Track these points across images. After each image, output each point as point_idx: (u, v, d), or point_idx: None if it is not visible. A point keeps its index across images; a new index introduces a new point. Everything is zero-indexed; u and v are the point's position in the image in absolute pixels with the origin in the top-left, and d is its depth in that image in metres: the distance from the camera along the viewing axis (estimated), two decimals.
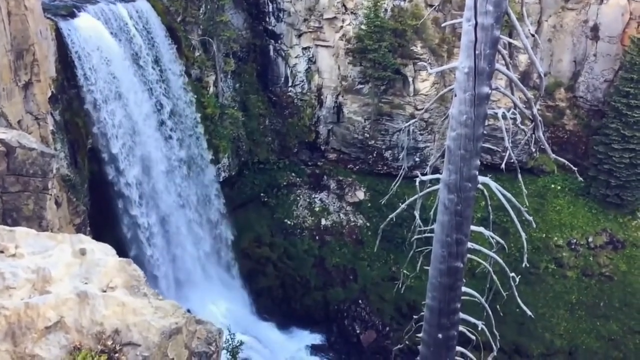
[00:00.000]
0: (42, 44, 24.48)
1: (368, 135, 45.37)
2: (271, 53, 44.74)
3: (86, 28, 27.64)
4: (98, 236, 20.77)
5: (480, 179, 13.44)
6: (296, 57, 44.58)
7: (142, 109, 31.86)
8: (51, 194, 16.68)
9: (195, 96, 36.75)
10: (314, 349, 40.93)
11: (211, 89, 39.82)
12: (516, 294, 15.18)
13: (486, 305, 15.70)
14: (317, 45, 44.11)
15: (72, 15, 27.74)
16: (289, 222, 44.51)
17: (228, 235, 40.86)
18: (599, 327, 40.34)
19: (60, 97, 26.94)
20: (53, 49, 26.10)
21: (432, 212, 14.56)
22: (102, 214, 30.32)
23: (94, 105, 28.27)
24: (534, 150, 14.40)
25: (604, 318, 40.62)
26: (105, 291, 8.15)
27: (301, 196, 45.77)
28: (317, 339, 41.53)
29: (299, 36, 44.01)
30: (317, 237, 44.30)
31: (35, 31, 23.69)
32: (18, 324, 7.44)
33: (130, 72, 30.72)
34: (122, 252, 9.67)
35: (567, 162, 14.39)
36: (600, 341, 39.88)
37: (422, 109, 42.03)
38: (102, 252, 8.96)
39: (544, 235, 42.84)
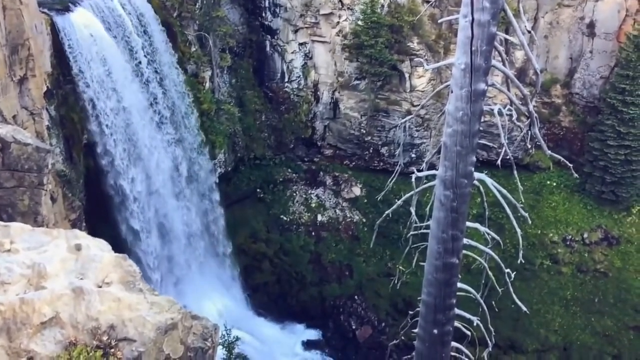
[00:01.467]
0: (37, 38, 24.35)
1: (364, 132, 45.37)
2: (267, 48, 44.65)
3: (82, 23, 27.51)
4: (93, 232, 20.74)
5: (476, 175, 13.47)
6: (292, 52, 44.51)
7: (138, 103, 31.76)
8: (46, 190, 16.64)
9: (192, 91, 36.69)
10: (310, 345, 41.02)
11: (207, 85, 39.72)
12: (511, 289, 15.25)
13: (481, 301, 15.78)
14: (313, 41, 44.04)
15: (68, 10, 27.60)
16: (285, 218, 44.53)
17: (223, 230, 40.82)
18: (594, 322, 40.55)
19: (55, 92, 26.82)
20: (48, 43, 25.97)
21: (428, 209, 14.59)
22: (97, 209, 30.25)
23: (89, 100, 28.16)
24: (529, 146, 14.46)
25: (599, 314, 40.82)
26: (100, 287, 8.14)
27: (297, 192, 45.77)
28: (312, 334, 41.61)
29: (296, 32, 43.93)
30: (313, 233, 44.34)
31: (30, 26, 23.57)
32: (13, 320, 7.43)
33: (125, 67, 30.60)
34: (117, 247, 9.65)
35: (562, 159, 14.45)
36: (594, 337, 40.09)
37: (418, 105, 42.05)
38: (98, 248, 8.95)
39: (539, 231, 42.98)
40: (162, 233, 35.13)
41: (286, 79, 45.37)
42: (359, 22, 41.61)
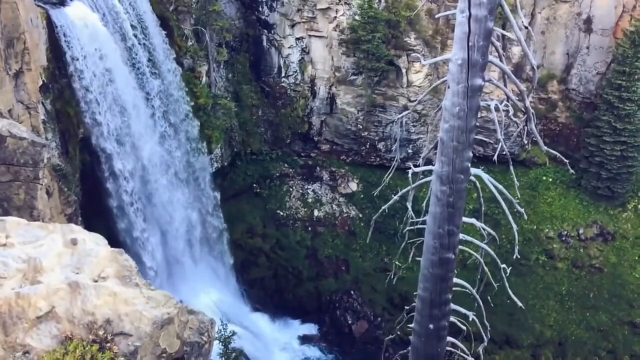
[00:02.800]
0: (32, 32, 24.24)
1: (361, 127, 45.36)
2: (264, 43, 44.53)
3: (77, 17, 27.36)
4: (89, 226, 20.69)
5: (473, 170, 13.49)
6: (289, 47, 44.41)
7: (134, 98, 31.66)
8: (42, 184, 16.60)
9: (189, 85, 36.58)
10: (306, 340, 41.13)
11: (204, 79, 39.61)
12: (507, 285, 15.31)
13: (477, 296, 15.82)
14: (310, 36, 43.94)
15: (63, 4, 27.44)
16: (281, 213, 44.54)
17: (220, 225, 40.81)
18: (589, 318, 40.75)
19: (51, 86, 26.70)
20: (44, 37, 25.84)
21: (424, 204, 14.61)
22: (93, 204, 30.19)
23: (85, 94, 28.04)
24: (526, 142, 14.48)
25: (594, 309, 41.02)
26: (96, 281, 8.14)
27: (294, 187, 45.77)
28: (309, 329, 41.72)
29: (292, 26, 43.81)
30: (309, 228, 44.37)
31: (25, 19, 23.45)
32: (9, 314, 7.42)
33: (122, 60, 30.47)
34: (113, 242, 9.64)
35: (558, 155, 14.46)
36: (589, 332, 40.30)
37: (415, 100, 42.05)
38: (94, 242, 8.94)
39: (535, 227, 43.11)
40: (159, 227, 35.10)
41: (283, 74, 45.28)
42: (356, 17, 41.54)
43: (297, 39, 44.17)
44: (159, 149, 34.17)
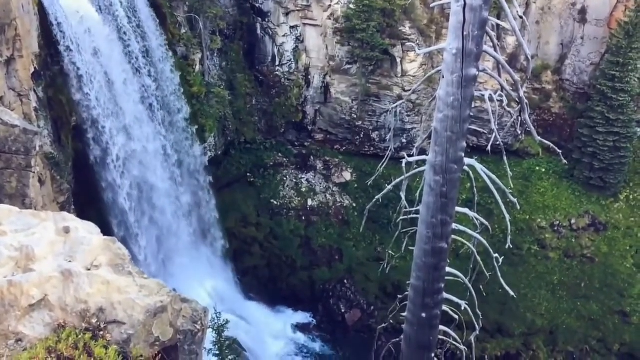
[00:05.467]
0: (24, 18, 23.98)
1: (355, 116, 45.29)
2: (258, 31, 44.26)
3: (70, 3, 27.09)
4: (83, 215, 20.61)
5: (466, 160, 13.52)
6: (284, 35, 44.16)
7: (127, 85, 31.46)
8: (34, 172, 16.51)
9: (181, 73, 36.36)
10: (300, 328, 41.30)
11: (197, 67, 39.37)
12: (499, 274, 15.40)
13: (469, 286, 15.92)
14: (304, 24, 43.69)
15: None
16: (275, 203, 44.53)
17: (213, 214, 40.78)
18: (580, 307, 41.10)
19: (43, 73, 26.45)
20: (36, 23, 25.58)
21: (418, 194, 14.65)
22: (86, 192, 30.06)
23: (78, 81, 27.82)
24: (519, 132, 14.50)
25: (585, 298, 41.37)
26: (89, 269, 8.12)
27: (288, 176, 45.73)
28: (302, 318, 41.89)
29: (287, 14, 43.54)
30: (303, 218, 44.40)
31: (17, 5, 23.20)
32: (1, 302, 7.40)
33: (114, 47, 30.24)
34: (106, 231, 9.61)
35: (552, 145, 14.51)
36: (580, 321, 40.65)
37: (409, 90, 41.98)
38: (87, 231, 8.91)
39: (527, 217, 43.32)
40: (152, 215, 35.03)
41: (277, 63, 45.07)
42: (351, 6, 41.32)
43: (292, 27, 43.91)
44: (152, 135, 34.00)
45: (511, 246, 16.12)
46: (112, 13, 30.07)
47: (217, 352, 26.32)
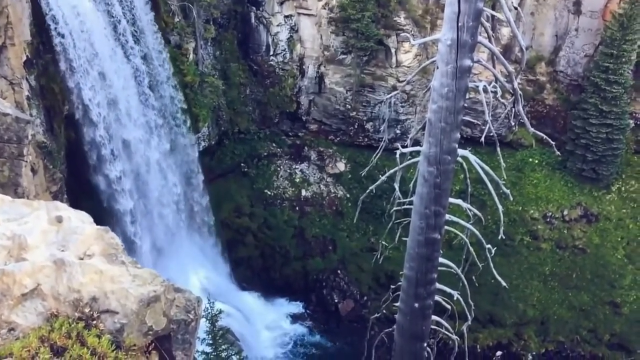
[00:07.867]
0: (16, 6, 23.74)
1: (349, 107, 45.22)
2: (252, 20, 44.00)
3: None
4: (76, 205, 20.52)
5: (460, 152, 13.55)
6: (278, 25, 43.92)
7: (120, 73, 31.24)
8: (27, 161, 16.41)
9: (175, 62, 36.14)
10: (293, 318, 41.47)
11: (191, 57, 39.11)
12: (491, 265, 15.49)
13: (462, 276, 16.01)
14: (299, 14, 43.47)
15: None
16: (269, 193, 44.51)
17: (207, 204, 40.71)
18: (571, 297, 41.44)
19: (35, 61, 26.24)
20: (28, 11, 25.32)
21: (411, 185, 14.68)
22: (79, 181, 29.94)
23: (70, 69, 27.61)
24: (513, 124, 14.53)
25: (576, 289, 41.70)
26: (82, 259, 8.09)
27: (281, 167, 45.69)
28: (296, 308, 42.05)
29: (281, 4, 43.29)
30: (297, 208, 44.42)
31: None
32: None
33: (107, 35, 30.00)
34: (100, 220, 9.57)
35: (545, 136, 14.56)
36: (571, 311, 41.01)
37: (404, 80, 41.91)
38: (79, 220, 8.87)
39: (520, 208, 43.52)
40: (146, 205, 34.95)
41: (271, 52, 44.86)
42: None
43: (286, 16, 43.67)
44: (144, 124, 33.84)
45: (504, 237, 16.21)
46: (105, 1, 29.80)
47: (211, 342, 26.43)
